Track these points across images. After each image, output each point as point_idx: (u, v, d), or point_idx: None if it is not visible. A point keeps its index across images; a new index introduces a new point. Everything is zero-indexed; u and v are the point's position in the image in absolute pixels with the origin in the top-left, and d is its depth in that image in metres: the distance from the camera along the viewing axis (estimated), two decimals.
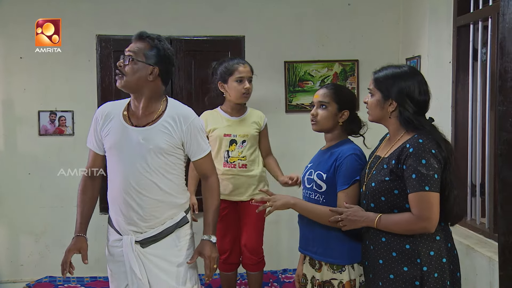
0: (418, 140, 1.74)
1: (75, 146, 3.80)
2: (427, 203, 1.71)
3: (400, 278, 1.76)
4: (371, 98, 1.86)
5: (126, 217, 2.04)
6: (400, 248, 1.77)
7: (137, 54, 1.99)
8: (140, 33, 2.03)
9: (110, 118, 2.08)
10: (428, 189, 1.70)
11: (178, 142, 2.03)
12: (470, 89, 3.14)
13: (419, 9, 3.57)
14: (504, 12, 2.26)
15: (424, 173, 1.69)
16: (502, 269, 2.29)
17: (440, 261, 1.76)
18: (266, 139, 3.00)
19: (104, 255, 3.79)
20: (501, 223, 2.30)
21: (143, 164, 1.99)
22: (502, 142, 2.27)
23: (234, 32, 3.80)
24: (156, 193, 2.01)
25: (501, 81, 2.29)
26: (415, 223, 1.73)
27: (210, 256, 2.03)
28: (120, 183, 2.04)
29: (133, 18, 3.77)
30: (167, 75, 2.05)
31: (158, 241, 2.05)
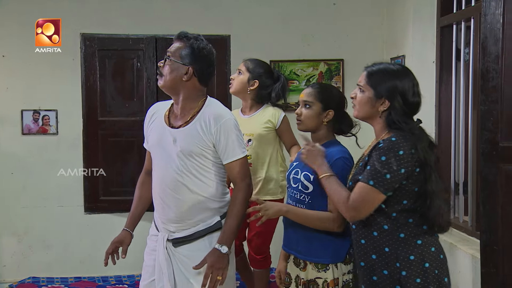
0: (391, 138, 1.69)
1: (59, 146, 3.77)
2: (364, 197, 1.68)
3: (382, 281, 1.74)
4: (361, 94, 1.79)
5: (161, 215, 2.04)
6: (379, 251, 1.74)
7: (174, 54, 1.98)
8: (179, 33, 2.01)
9: (155, 117, 2.09)
10: (372, 184, 1.66)
11: (209, 144, 1.97)
12: (453, 88, 3.17)
13: (403, 9, 3.60)
14: (485, 13, 2.29)
15: (377, 169, 1.66)
16: (484, 267, 2.32)
17: (422, 266, 1.70)
18: (287, 134, 2.89)
19: (88, 256, 3.80)
20: (483, 221, 2.33)
21: (174, 165, 1.97)
22: (483, 141, 2.31)
23: (219, 31, 3.79)
24: (186, 195, 1.98)
25: (483, 80, 2.32)
26: (344, 205, 1.72)
27: (213, 266, 1.91)
28: (156, 182, 2.04)
29: (118, 17, 3.75)
30: (203, 74, 2.01)
31: (188, 242, 2.01)
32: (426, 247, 1.72)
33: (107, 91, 3.78)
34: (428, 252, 1.71)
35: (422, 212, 1.70)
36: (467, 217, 2.99)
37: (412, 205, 1.71)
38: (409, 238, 1.71)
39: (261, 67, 2.92)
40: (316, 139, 2.10)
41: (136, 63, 3.79)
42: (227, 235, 1.96)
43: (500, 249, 2.25)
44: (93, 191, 3.78)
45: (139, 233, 2.21)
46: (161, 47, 3.76)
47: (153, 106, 2.16)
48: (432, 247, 1.73)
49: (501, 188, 2.24)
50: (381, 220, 1.73)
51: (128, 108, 3.79)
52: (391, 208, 1.72)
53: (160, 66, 2.01)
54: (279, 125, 2.87)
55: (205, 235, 2.01)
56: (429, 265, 1.70)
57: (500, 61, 2.24)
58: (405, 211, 1.71)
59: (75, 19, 3.70)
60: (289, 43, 3.86)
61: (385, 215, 1.72)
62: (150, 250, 2.11)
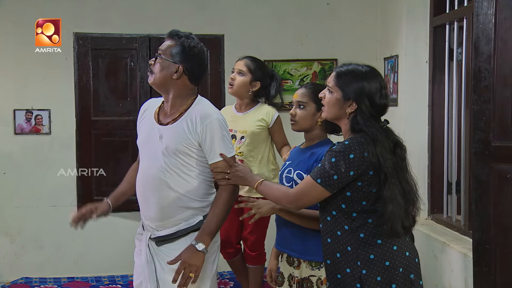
0: (345, 142, 1.71)
1: (52, 145, 3.75)
2: (308, 191, 1.74)
3: (345, 279, 1.75)
4: (329, 94, 1.79)
5: (143, 212, 2.04)
6: (342, 250, 1.75)
7: (164, 52, 1.98)
8: (170, 31, 2.02)
9: (146, 114, 2.09)
10: (319, 182, 1.70)
11: (194, 143, 1.95)
12: (446, 88, 3.18)
13: (396, 9, 3.60)
14: (478, 13, 2.30)
15: (326, 169, 1.69)
16: (476, 265, 2.33)
17: (383, 264, 1.70)
18: (279, 134, 2.90)
19: (81, 256, 3.79)
20: (475, 220, 2.34)
21: (158, 162, 1.97)
22: (476, 140, 2.31)
23: (213, 31, 3.78)
24: (167, 193, 1.96)
25: (475, 80, 2.32)
26: (287, 197, 1.79)
27: (186, 262, 1.89)
28: (140, 178, 2.05)
29: (111, 16, 3.73)
30: (194, 73, 1.99)
31: (170, 241, 1.99)
32: (387, 246, 1.72)
33: (100, 90, 3.76)
34: (389, 251, 1.71)
35: (378, 215, 1.71)
36: (460, 216, 3.00)
37: (371, 206, 1.72)
38: (369, 238, 1.72)
39: (262, 67, 2.94)
40: (309, 139, 2.10)
41: (129, 63, 3.77)
42: (205, 233, 1.94)
43: (493, 248, 2.26)
44: (86, 191, 3.76)
45: (132, 234, 2.20)
46: (154, 46, 3.74)
47: (146, 103, 2.16)
48: (394, 246, 1.72)
49: (493, 188, 2.25)
50: (342, 220, 1.74)
51: (121, 108, 3.78)
52: (350, 208, 1.73)
53: (151, 64, 2.00)
54: (272, 124, 2.88)
55: (187, 234, 1.99)
56: (391, 263, 1.70)
57: (492, 61, 2.24)
58: (365, 212, 1.72)
59: (68, 18, 3.67)
60: (283, 43, 3.86)
61: (346, 215, 1.74)
62: (138, 250, 2.11)
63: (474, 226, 2.35)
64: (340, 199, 1.74)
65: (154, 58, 2.00)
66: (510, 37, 2.21)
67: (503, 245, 2.24)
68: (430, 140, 3.28)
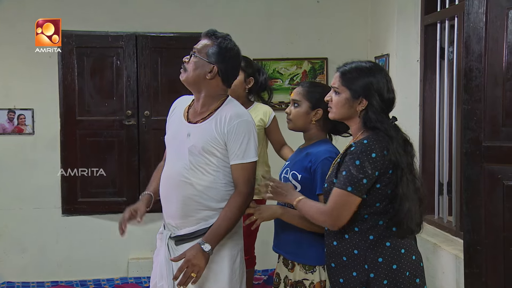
0: (363, 141, 1.67)
1: (36, 146, 3.68)
2: (343, 204, 1.66)
3: (349, 283, 1.73)
4: (336, 96, 1.76)
5: (165, 209, 2.04)
6: (349, 253, 1.73)
7: (200, 51, 1.98)
8: (208, 30, 2.02)
9: (176, 111, 2.10)
10: (350, 190, 1.64)
11: (221, 143, 1.95)
12: (437, 87, 3.16)
13: (387, 7, 3.57)
14: (468, 12, 2.27)
15: (354, 174, 1.64)
16: (467, 267, 2.31)
17: (390, 267, 1.69)
18: (276, 133, 2.87)
19: (66, 259, 3.72)
20: (466, 221, 2.31)
21: (184, 160, 1.97)
22: (467, 140, 2.29)
23: (201, 29, 3.53)
24: (189, 191, 1.96)
25: (466, 80, 2.30)
26: (323, 216, 1.70)
27: (189, 261, 1.86)
28: (164, 175, 2.05)
29: (97, 13, 3.66)
30: (228, 75, 2.00)
31: (190, 241, 1.97)
32: (395, 249, 1.71)
33: (85, 89, 3.70)
34: (397, 254, 1.71)
35: (392, 214, 1.70)
36: (451, 217, 2.98)
37: (384, 207, 1.70)
38: (379, 240, 1.70)
39: (251, 63, 2.91)
40: (307, 138, 2.08)
41: (115, 61, 3.71)
42: (214, 235, 1.92)
43: (483, 249, 2.24)
44: (71, 193, 3.69)
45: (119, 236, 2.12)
46: (141, 44, 3.69)
47: (178, 100, 2.15)
48: (402, 249, 1.72)
49: (484, 188, 2.23)
50: (353, 222, 1.72)
51: (107, 107, 3.72)
52: (363, 210, 1.71)
53: (185, 61, 2.00)
54: (269, 123, 2.85)
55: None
56: (398, 266, 1.70)
57: (483, 60, 2.23)
58: (377, 213, 1.71)
59: (53, 15, 3.58)
60: (273, 41, 3.82)
61: (357, 217, 1.71)
62: (158, 250, 2.10)
63: (465, 227, 2.33)
64: (374, 197, 1.70)
65: (189, 56, 2.00)
66: (501, 36, 2.18)
67: (493, 246, 2.22)
68: (421, 139, 3.25)
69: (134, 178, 3.72)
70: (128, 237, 2.10)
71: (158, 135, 3.28)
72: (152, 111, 3.72)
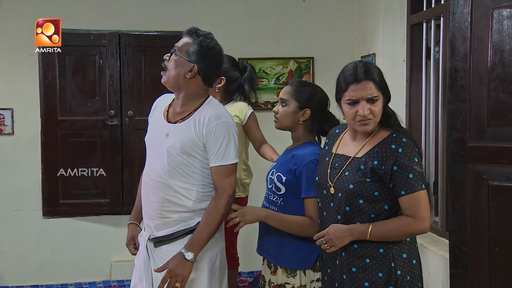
0: (402, 139, 1.68)
1: (15, 146, 3.60)
2: (425, 203, 1.66)
3: (375, 285, 1.69)
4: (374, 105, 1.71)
5: (145, 211, 2.01)
6: (374, 254, 1.69)
7: (181, 49, 1.93)
8: (189, 28, 1.97)
9: (156, 110, 2.07)
10: (424, 187, 1.66)
11: (200, 144, 1.91)
12: (423, 87, 3.15)
13: (373, 6, 3.56)
14: (454, 11, 2.26)
15: (420, 171, 1.65)
16: (453, 268, 2.31)
17: (411, 263, 1.70)
18: (254, 130, 2.79)
19: (46, 263, 3.65)
20: (452, 221, 2.31)
21: (162, 160, 1.93)
22: (452, 140, 2.28)
23: (185, 28, 3.57)
24: (167, 192, 1.92)
25: (451, 79, 2.29)
26: (415, 225, 1.65)
27: (173, 271, 1.83)
28: (144, 176, 2.02)
29: (79, 11, 3.60)
30: (208, 74, 1.95)
31: (168, 242, 1.95)
32: (413, 243, 1.74)
33: (67, 89, 3.62)
34: (414, 249, 1.74)
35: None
36: (437, 218, 2.97)
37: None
38: None
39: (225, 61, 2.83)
40: (294, 139, 2.06)
41: (98, 60, 3.64)
42: (196, 242, 1.87)
43: (469, 249, 2.24)
44: (52, 194, 3.62)
45: (101, 239, 2.08)
46: (124, 43, 3.63)
47: (159, 98, 2.11)
48: (415, 244, 1.74)
49: (469, 188, 2.23)
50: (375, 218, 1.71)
51: (89, 107, 3.66)
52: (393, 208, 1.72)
53: (166, 59, 1.95)
54: (246, 121, 2.78)
55: (185, 236, 1.94)
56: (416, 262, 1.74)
57: (468, 60, 2.22)
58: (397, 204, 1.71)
59: (33, 12, 3.52)
60: (258, 41, 3.79)
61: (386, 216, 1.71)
62: (139, 251, 2.06)
63: (450, 227, 2.32)
64: (386, 201, 1.69)
65: (169, 54, 1.94)
66: (485, 36, 2.18)
67: (479, 247, 2.22)
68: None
69: (117, 179, 3.65)
70: (111, 239, 2.06)
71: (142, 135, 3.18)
72: (136, 111, 3.66)
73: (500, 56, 2.14)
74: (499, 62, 2.14)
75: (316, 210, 1.88)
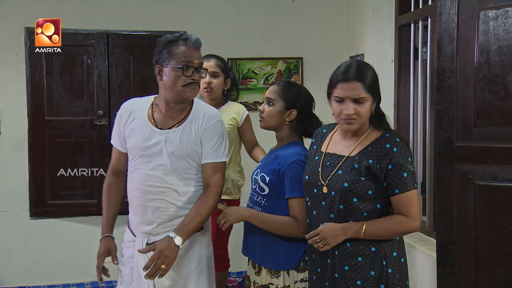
0: (395, 139, 1.71)
1: (2, 147, 3.56)
2: (417, 202, 1.70)
3: (367, 284, 1.70)
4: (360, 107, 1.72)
5: (141, 218, 1.97)
6: (366, 252, 1.71)
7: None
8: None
9: (134, 116, 2.00)
10: (416, 186, 1.70)
11: (198, 142, 1.96)
12: (411, 87, 3.17)
13: (362, 7, 3.57)
14: (441, 12, 2.28)
15: (413, 170, 1.68)
16: (440, 267, 2.32)
17: (400, 261, 1.72)
18: (249, 132, 2.82)
19: (34, 264, 3.60)
20: (439, 221, 2.32)
21: (163, 167, 1.93)
22: (439, 140, 2.29)
23: (174, 27, 3.62)
24: (172, 197, 1.94)
25: (438, 80, 2.30)
26: (408, 223, 1.68)
27: (162, 251, 1.82)
28: (138, 184, 1.97)
29: (66, 10, 3.55)
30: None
31: None
32: (401, 241, 1.76)
33: (54, 89, 3.58)
34: (402, 247, 1.76)
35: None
36: (425, 217, 2.99)
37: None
38: None
39: (227, 63, 2.87)
40: (279, 139, 2.05)
41: (86, 60, 3.61)
42: (186, 229, 1.89)
43: (456, 249, 2.25)
44: (39, 195, 3.58)
45: (89, 239, 2.06)
46: (113, 43, 3.60)
47: (127, 104, 2.04)
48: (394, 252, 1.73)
49: (456, 188, 2.24)
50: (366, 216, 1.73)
51: (77, 107, 3.62)
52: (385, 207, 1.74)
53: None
54: (242, 122, 2.79)
55: None
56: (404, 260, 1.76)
57: (455, 61, 2.24)
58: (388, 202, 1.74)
59: (19, 12, 3.49)
60: (247, 41, 3.79)
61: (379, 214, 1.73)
62: (127, 258, 2.03)
63: (437, 227, 2.33)
64: (378, 200, 1.71)
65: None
66: (472, 37, 2.19)
67: (465, 246, 2.24)
68: None
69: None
70: (99, 240, 2.06)
71: None
72: None
73: (486, 57, 2.15)
74: (485, 63, 2.16)
75: (301, 210, 1.88)
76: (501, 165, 2.13)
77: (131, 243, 2.01)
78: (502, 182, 2.13)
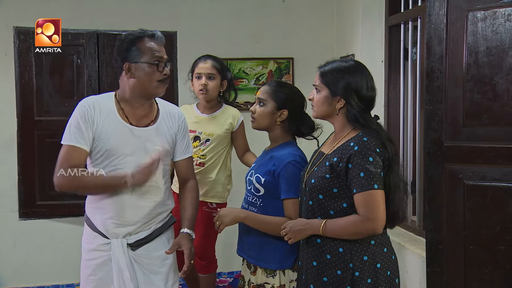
0: (362, 138, 1.69)
1: None
2: (375, 202, 1.65)
3: (333, 282, 1.72)
4: (317, 94, 1.79)
5: (120, 219, 1.92)
6: (334, 251, 1.72)
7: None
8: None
9: (104, 115, 1.89)
10: (376, 187, 1.65)
11: (174, 139, 2.03)
12: (401, 88, 3.18)
13: (352, 7, 3.59)
14: (430, 13, 2.29)
15: (373, 171, 1.65)
16: (429, 266, 2.33)
17: (375, 266, 1.70)
18: (242, 137, 2.81)
19: (22, 265, 3.57)
20: (428, 220, 2.34)
21: None
22: (429, 140, 2.31)
23: (165, 28, 3.62)
24: (158, 194, 1.98)
25: (428, 80, 2.32)
26: (362, 224, 1.66)
27: (191, 249, 1.94)
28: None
29: (56, 10, 3.52)
30: None
31: (147, 243, 1.97)
32: (379, 247, 1.73)
33: (44, 89, 3.55)
34: (380, 253, 1.72)
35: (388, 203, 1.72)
36: (415, 217, 3.01)
37: None
38: (364, 238, 1.71)
39: (224, 65, 2.85)
40: (272, 139, 2.06)
41: (76, 60, 3.58)
42: (192, 222, 2.01)
43: (445, 248, 2.27)
44: (28, 196, 3.55)
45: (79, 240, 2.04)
46: (103, 43, 3.58)
47: (91, 103, 1.91)
48: (384, 248, 1.74)
49: (445, 188, 2.26)
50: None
51: (67, 107, 3.54)
52: (353, 206, 1.71)
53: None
54: (237, 127, 2.79)
55: (163, 233, 2.02)
56: (381, 265, 1.71)
57: (444, 62, 2.25)
58: None
59: (8, 11, 3.45)
60: (238, 41, 3.78)
61: (345, 214, 1.72)
62: (103, 261, 1.95)
63: (427, 226, 2.35)
64: (345, 199, 1.71)
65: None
66: (460, 38, 2.21)
67: (454, 245, 2.25)
68: None
69: None
70: None
71: None
72: None
73: (474, 57, 2.17)
74: (473, 63, 2.18)
75: (296, 211, 1.90)
76: (490, 165, 2.15)
77: (105, 245, 1.93)
78: (490, 182, 2.15)
